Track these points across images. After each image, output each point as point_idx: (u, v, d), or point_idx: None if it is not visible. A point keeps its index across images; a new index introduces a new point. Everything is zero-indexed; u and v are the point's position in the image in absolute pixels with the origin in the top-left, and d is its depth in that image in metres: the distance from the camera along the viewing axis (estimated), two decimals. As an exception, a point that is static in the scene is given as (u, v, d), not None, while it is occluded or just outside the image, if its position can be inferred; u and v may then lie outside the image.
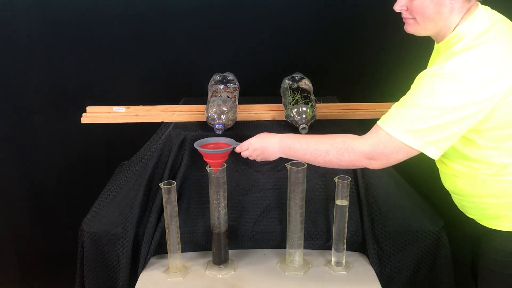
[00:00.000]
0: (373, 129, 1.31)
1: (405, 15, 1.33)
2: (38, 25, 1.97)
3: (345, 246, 1.58)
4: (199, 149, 1.47)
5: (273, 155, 1.44)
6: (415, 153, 1.27)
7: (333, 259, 1.60)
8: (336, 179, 1.54)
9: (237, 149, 1.49)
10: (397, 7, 1.33)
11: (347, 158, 1.31)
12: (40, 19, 1.96)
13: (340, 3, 1.97)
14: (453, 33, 1.29)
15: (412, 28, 1.34)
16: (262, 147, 1.43)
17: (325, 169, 1.62)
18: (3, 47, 2.00)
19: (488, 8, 1.32)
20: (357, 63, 2.05)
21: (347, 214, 1.55)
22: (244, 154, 1.48)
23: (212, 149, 1.48)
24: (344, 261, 1.59)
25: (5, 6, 1.94)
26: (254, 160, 1.51)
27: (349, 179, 1.53)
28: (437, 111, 1.22)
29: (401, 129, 1.24)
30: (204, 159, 1.49)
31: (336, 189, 1.54)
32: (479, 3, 1.31)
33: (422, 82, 1.25)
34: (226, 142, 1.52)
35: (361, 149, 1.30)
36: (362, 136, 1.33)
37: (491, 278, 1.45)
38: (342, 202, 1.54)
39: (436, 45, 1.39)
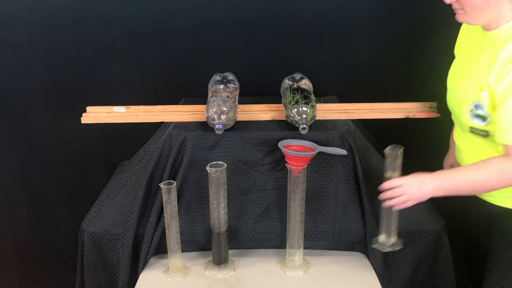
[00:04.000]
0: (506, 149, 1.30)
1: (455, 6, 1.36)
2: (38, 25, 1.97)
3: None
4: (283, 149, 1.49)
5: (425, 197, 1.39)
6: None
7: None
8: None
9: (385, 185, 1.41)
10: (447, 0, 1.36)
11: (509, 182, 1.33)
12: (40, 19, 1.96)
13: (339, 3, 1.97)
14: None
15: (462, 18, 1.37)
16: (418, 191, 1.38)
17: (325, 169, 1.62)
18: (3, 47, 2.00)
19: None
20: (357, 63, 2.05)
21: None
22: (393, 192, 1.39)
23: (296, 151, 1.49)
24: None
25: (6, 6, 1.94)
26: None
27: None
28: None
29: None
30: (286, 160, 1.51)
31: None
32: None
33: None
34: (309, 146, 1.53)
35: None
36: (504, 156, 1.32)
37: (507, 263, 1.44)
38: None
39: (484, 33, 1.39)
